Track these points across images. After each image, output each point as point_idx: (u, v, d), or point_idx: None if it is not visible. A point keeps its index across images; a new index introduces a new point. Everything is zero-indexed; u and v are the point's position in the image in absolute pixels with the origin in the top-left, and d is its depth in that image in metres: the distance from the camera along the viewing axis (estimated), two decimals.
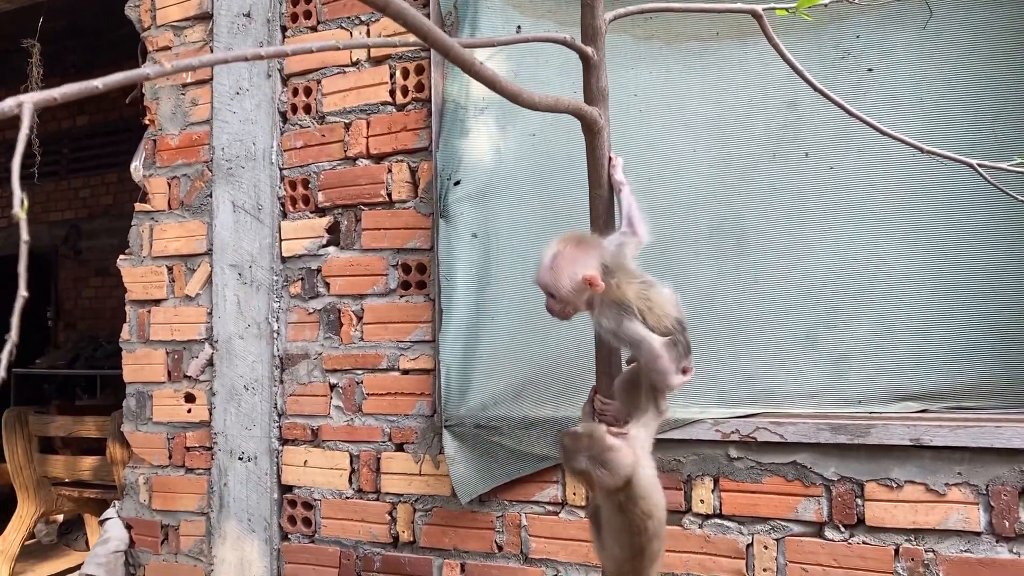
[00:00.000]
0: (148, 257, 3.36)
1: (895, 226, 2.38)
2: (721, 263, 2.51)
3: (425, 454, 2.79)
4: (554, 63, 2.69)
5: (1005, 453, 2.10)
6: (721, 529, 2.40)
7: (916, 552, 2.18)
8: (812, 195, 2.45)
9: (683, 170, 2.55)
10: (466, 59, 1.24)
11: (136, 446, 3.35)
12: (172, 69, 0.95)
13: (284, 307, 3.07)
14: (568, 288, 1.52)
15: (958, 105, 2.36)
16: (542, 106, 1.47)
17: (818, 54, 2.49)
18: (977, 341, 2.29)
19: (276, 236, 3.08)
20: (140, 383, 3.36)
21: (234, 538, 3.09)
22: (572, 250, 1.54)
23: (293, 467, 3.03)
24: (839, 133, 2.42)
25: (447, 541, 2.76)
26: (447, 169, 2.75)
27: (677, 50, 2.61)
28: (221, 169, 3.16)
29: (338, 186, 3.00)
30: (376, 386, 2.89)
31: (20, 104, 0.71)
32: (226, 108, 3.16)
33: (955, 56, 2.38)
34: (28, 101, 0.72)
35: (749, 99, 2.53)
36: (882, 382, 2.35)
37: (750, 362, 2.45)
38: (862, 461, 2.25)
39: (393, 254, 2.89)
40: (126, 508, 3.37)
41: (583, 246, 1.55)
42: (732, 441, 2.38)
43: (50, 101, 0.76)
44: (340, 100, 3.00)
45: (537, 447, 2.59)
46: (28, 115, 0.73)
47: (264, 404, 3.06)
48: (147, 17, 3.40)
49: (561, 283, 1.53)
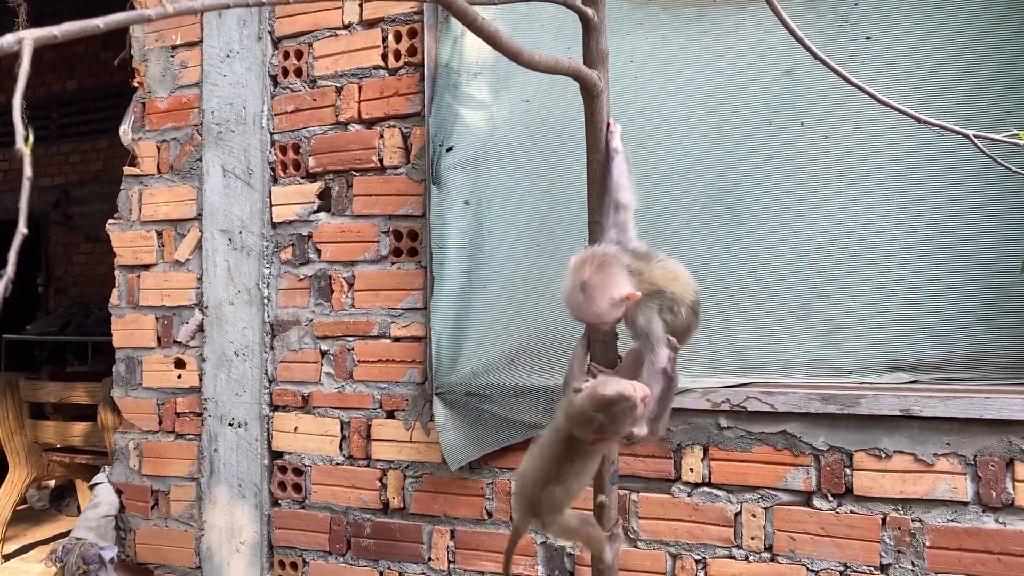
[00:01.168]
0: (137, 222, 3.33)
1: (889, 197, 2.36)
2: (715, 232, 2.49)
3: (416, 421, 2.79)
4: (549, 27, 2.65)
5: (993, 424, 2.11)
6: (710, 498, 2.41)
7: (903, 521, 2.20)
8: (807, 164, 2.43)
9: (678, 138, 2.53)
10: (468, 13, 1.21)
11: (126, 412, 3.34)
12: (175, 11, 0.92)
13: (275, 273, 3.05)
14: (609, 312, 1.49)
15: (955, 74, 2.34)
16: (542, 66, 1.44)
17: (816, 22, 2.45)
18: (968, 313, 2.29)
19: (267, 201, 3.05)
20: (130, 348, 3.35)
21: (224, 503, 3.09)
22: (598, 276, 1.49)
23: (283, 433, 3.03)
24: (835, 102, 2.40)
25: (437, 508, 2.77)
26: (439, 135, 2.72)
27: (674, 15, 2.58)
28: (211, 133, 3.13)
29: (329, 151, 2.97)
30: (367, 353, 2.88)
31: (20, 40, 0.70)
32: (216, 71, 3.12)
33: (953, 25, 2.35)
34: (28, 37, 0.71)
35: (746, 66, 2.50)
36: (874, 353, 2.35)
37: (742, 332, 2.45)
38: (851, 431, 2.25)
39: (385, 220, 2.87)
40: (116, 473, 3.37)
41: (605, 267, 1.50)
42: (722, 411, 2.38)
43: (50, 39, 0.75)
44: (332, 64, 2.96)
45: (528, 415, 2.59)
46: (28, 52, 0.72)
47: (255, 370, 3.05)
48: None
49: (602, 310, 1.49)
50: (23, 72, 0.69)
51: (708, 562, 2.40)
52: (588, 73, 1.50)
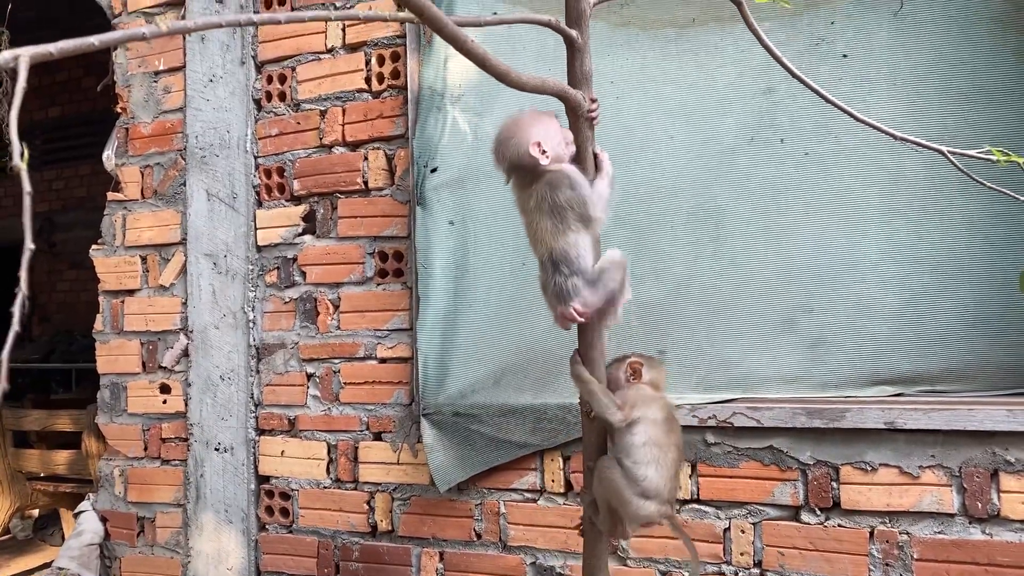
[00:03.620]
0: (121, 247, 3.32)
1: (871, 211, 2.39)
2: (698, 248, 2.51)
3: (403, 443, 2.79)
4: (530, 49, 2.67)
5: (978, 436, 2.12)
6: (699, 514, 2.41)
7: (891, 534, 2.20)
8: (789, 181, 2.46)
9: (660, 156, 2.55)
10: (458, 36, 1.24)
11: (111, 438, 3.31)
12: (168, 30, 0.94)
13: (260, 296, 3.05)
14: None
15: (932, 91, 2.37)
16: (529, 87, 1.46)
17: (794, 40, 2.49)
18: (951, 325, 2.31)
19: (251, 225, 3.05)
20: (114, 374, 3.32)
21: (211, 529, 3.07)
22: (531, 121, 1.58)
23: (270, 457, 3.01)
24: (815, 119, 2.43)
25: (426, 530, 2.75)
26: (424, 156, 2.73)
27: (653, 36, 2.61)
28: (195, 157, 3.13)
29: (314, 174, 2.97)
30: (353, 375, 2.88)
31: (16, 57, 0.72)
32: (199, 96, 3.13)
33: (928, 42, 2.39)
34: (25, 54, 0.73)
35: (725, 85, 2.53)
36: (858, 366, 2.37)
37: (728, 347, 2.46)
38: (837, 445, 2.26)
39: (370, 242, 2.88)
40: (101, 500, 3.33)
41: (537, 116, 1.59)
42: (709, 426, 2.39)
43: (46, 56, 0.77)
44: (315, 87, 2.98)
45: (516, 434, 2.58)
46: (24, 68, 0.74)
47: (240, 394, 3.03)
48: (118, 4, 3.35)
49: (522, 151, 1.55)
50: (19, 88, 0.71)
51: None
52: (573, 93, 1.52)
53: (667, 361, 2.50)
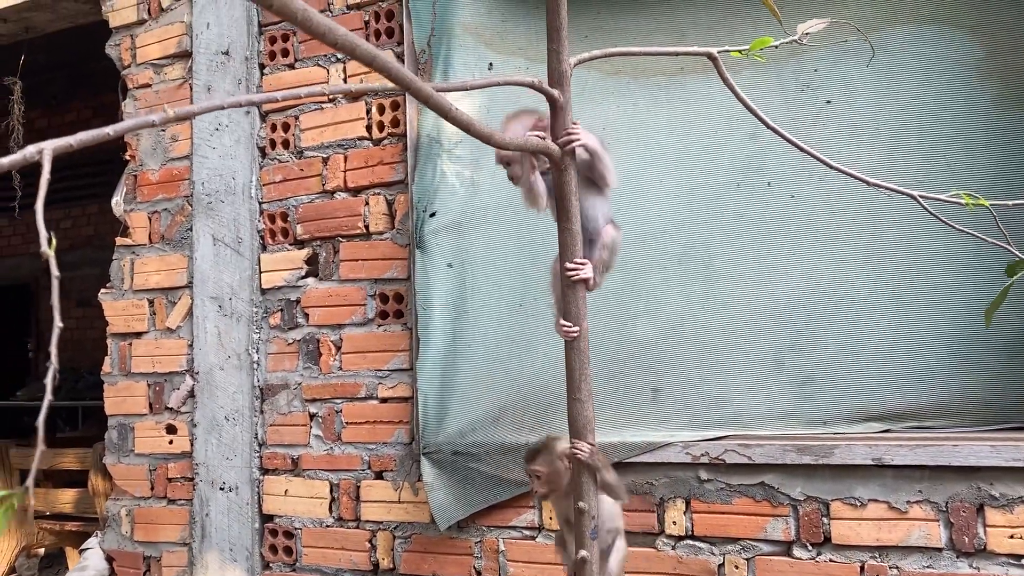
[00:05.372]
0: (129, 290, 3.40)
1: (857, 251, 2.46)
2: (689, 289, 2.58)
3: (404, 481, 2.84)
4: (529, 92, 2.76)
5: (963, 471, 2.17)
6: (693, 550, 2.46)
7: (881, 569, 2.25)
8: (776, 222, 2.54)
9: (651, 200, 2.64)
10: (443, 105, 1.32)
11: (118, 478, 3.37)
12: (175, 116, 1.02)
13: (264, 338, 3.12)
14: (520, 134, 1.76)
15: (913, 135, 2.46)
16: (512, 146, 1.57)
17: (779, 87, 2.58)
18: (937, 362, 2.37)
19: (256, 268, 3.13)
20: (122, 415, 3.39)
21: (216, 568, 3.11)
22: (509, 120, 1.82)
23: (274, 496, 3.07)
24: (800, 163, 2.51)
25: (426, 567, 2.80)
26: (423, 201, 2.81)
27: (643, 84, 2.70)
28: (201, 203, 3.22)
29: (316, 219, 3.06)
30: (355, 415, 2.94)
31: (41, 151, 0.79)
32: (206, 144, 3.23)
33: (909, 89, 2.48)
34: (48, 148, 0.81)
35: (714, 131, 2.62)
36: (847, 403, 2.43)
37: (719, 385, 2.53)
38: (827, 481, 2.31)
39: (371, 284, 2.95)
40: (108, 540, 3.38)
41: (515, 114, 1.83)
42: (702, 463, 2.44)
43: (67, 148, 0.84)
44: (318, 135, 3.08)
45: (514, 472, 2.64)
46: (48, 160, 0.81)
47: (245, 434, 3.10)
48: (127, 56, 3.46)
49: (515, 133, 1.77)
50: (44, 180, 0.77)
51: None
52: (556, 150, 1.60)
53: (660, 399, 2.56)
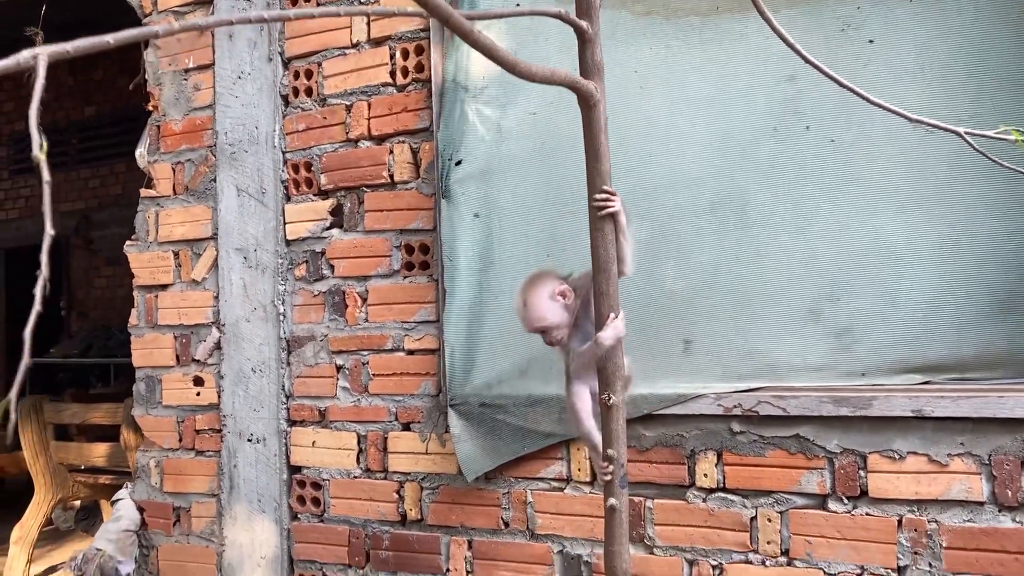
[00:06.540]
0: (154, 242, 3.39)
1: (897, 198, 2.37)
2: (723, 238, 2.50)
3: (431, 433, 2.82)
4: (554, 40, 2.68)
5: (1007, 423, 2.10)
6: (725, 503, 2.41)
7: (919, 523, 2.19)
8: (814, 168, 2.44)
9: (684, 146, 2.55)
10: (464, 27, 1.25)
11: (147, 430, 3.39)
12: (180, 28, 0.97)
13: (289, 290, 3.10)
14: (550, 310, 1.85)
15: (960, 75, 2.34)
16: (538, 77, 1.48)
17: (819, 27, 2.47)
18: (980, 312, 2.28)
19: (280, 219, 3.10)
20: (149, 367, 3.39)
21: (244, 519, 3.13)
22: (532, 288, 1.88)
23: (301, 448, 3.06)
24: (840, 106, 2.41)
25: (454, 518, 2.78)
26: (448, 149, 2.75)
27: (676, 25, 2.60)
28: (224, 154, 3.18)
29: (340, 168, 3.01)
30: (382, 367, 2.91)
31: (36, 56, 0.78)
32: (228, 93, 3.18)
33: (957, 26, 2.35)
34: (43, 53, 0.79)
35: (749, 73, 2.52)
36: (885, 354, 2.35)
37: (753, 337, 2.46)
38: (864, 433, 2.25)
39: (396, 235, 2.91)
40: (138, 491, 3.41)
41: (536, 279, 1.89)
42: (735, 415, 2.39)
43: (63, 54, 0.82)
44: (341, 82, 3.01)
45: (542, 424, 2.60)
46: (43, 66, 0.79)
47: (272, 386, 3.08)
48: (148, 3, 3.40)
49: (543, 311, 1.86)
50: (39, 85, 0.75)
51: (725, 567, 2.40)
52: (584, 84, 1.52)
53: (692, 350, 2.50)
